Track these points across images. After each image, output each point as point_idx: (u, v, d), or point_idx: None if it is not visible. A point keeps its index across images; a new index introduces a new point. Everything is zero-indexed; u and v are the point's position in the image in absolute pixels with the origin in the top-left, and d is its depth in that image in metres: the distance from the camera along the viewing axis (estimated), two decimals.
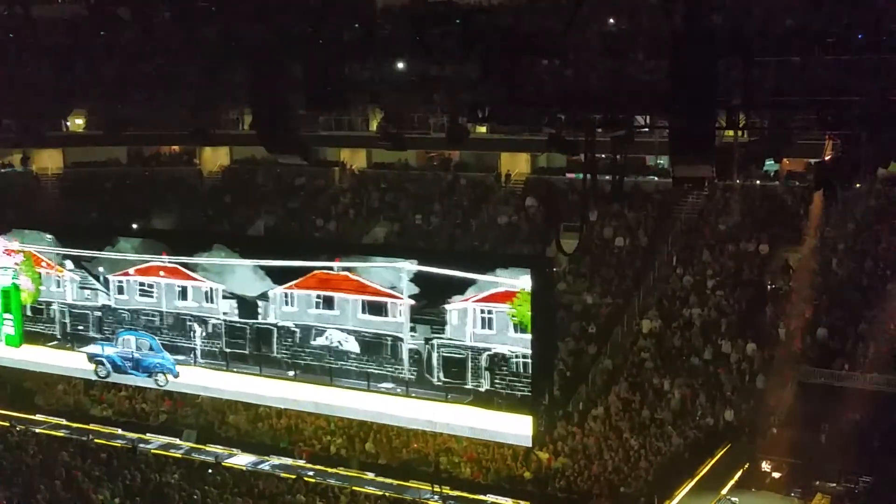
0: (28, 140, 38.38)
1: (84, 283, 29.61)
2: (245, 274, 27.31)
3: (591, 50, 20.27)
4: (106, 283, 29.18)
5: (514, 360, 24.16)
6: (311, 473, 27.30)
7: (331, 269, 25.98)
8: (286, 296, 26.81)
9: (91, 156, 45.83)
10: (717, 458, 26.14)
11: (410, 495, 25.97)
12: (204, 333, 28.08)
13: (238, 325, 27.43)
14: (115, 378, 29.72)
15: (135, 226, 37.56)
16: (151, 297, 28.89)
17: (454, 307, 24.60)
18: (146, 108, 28.97)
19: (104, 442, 29.31)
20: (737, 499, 23.72)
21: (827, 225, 32.31)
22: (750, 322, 30.73)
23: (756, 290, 31.89)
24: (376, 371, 25.76)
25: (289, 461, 28.39)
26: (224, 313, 27.62)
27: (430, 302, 24.84)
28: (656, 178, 37.84)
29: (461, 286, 24.42)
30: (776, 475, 25.29)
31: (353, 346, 26.10)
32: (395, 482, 26.93)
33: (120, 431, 30.59)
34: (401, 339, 25.52)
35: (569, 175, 37.99)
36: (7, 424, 30.58)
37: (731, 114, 18.72)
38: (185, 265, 27.98)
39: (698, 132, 16.23)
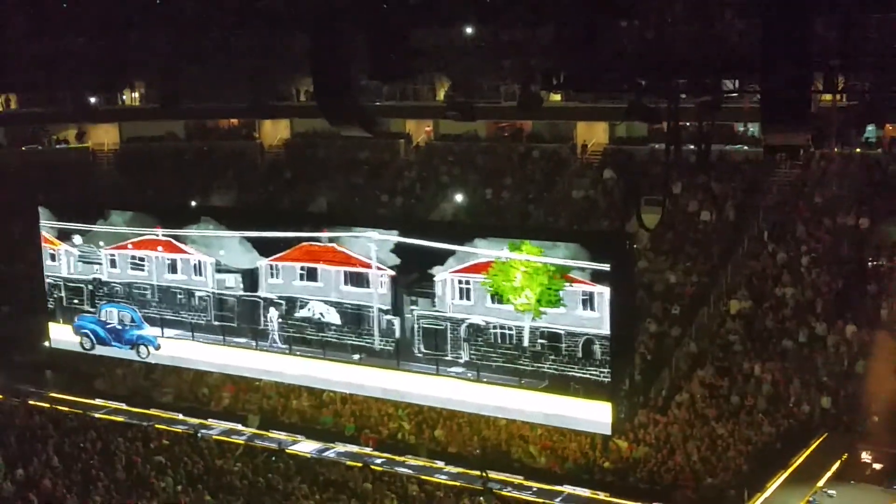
0: (82, 115, 39.37)
1: (85, 258, 31.86)
2: (233, 247, 29.11)
3: (674, 9, 19.97)
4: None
5: (492, 330, 25.79)
6: (378, 461, 27.56)
7: (319, 240, 27.71)
8: (272, 268, 28.54)
9: (148, 131, 46.74)
10: (812, 449, 25.73)
11: (480, 484, 26.01)
12: (197, 306, 30.23)
13: (226, 297, 29.44)
14: (100, 350, 32.27)
15: (193, 203, 38.24)
16: (143, 270, 30.97)
17: (438, 279, 26.08)
18: (203, 80, 29.43)
19: (165, 428, 29.95)
20: (834, 492, 23.31)
21: None
22: (849, 302, 30.10)
23: (856, 268, 31.21)
24: (354, 343, 27.78)
25: (355, 448, 28.70)
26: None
27: (413, 273, 26.56)
28: (746, 148, 37.25)
29: (442, 257, 26.02)
30: (877, 467, 24.82)
31: (334, 317, 27.76)
32: (466, 472, 27.00)
33: (181, 417, 31.24)
34: (382, 311, 27.17)
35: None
36: (65, 410, 31.44)
37: (828, 76, 18.31)
38: (176, 238, 30.07)
39: (792, 96, 15.87)
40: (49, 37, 26.01)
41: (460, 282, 25.99)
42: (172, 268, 30.33)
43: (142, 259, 30.79)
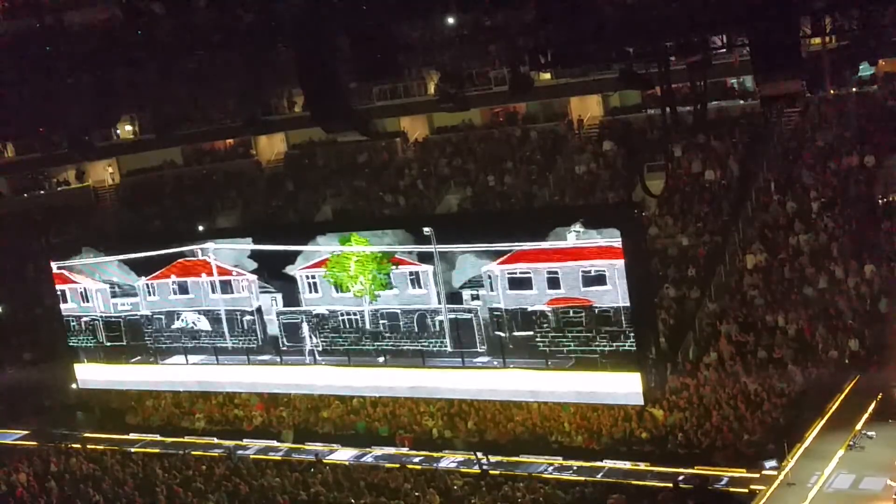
0: (79, 153, 39.39)
1: None
2: (113, 271, 30.93)
3: None
4: None
5: (338, 318, 27.90)
6: (416, 460, 27.55)
7: (193, 254, 29.67)
8: (148, 287, 30.47)
9: (146, 162, 46.80)
10: (846, 393, 25.62)
11: (522, 470, 26.00)
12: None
13: (112, 319, 31.46)
14: None
15: (200, 228, 38.23)
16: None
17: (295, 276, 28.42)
18: (194, 104, 29.44)
19: (202, 453, 29.99)
20: (874, 433, 23.21)
21: None
22: (864, 242, 29.96)
23: (867, 207, 31.06)
24: (220, 345, 30.02)
25: (391, 450, 28.70)
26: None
27: (270, 274, 28.71)
28: (742, 101, 37.05)
29: (292, 257, 28.18)
30: None
31: (204, 324, 30.03)
32: (504, 458, 26.97)
33: (216, 440, 31.27)
34: (248, 313, 29.37)
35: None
36: (101, 448, 31.51)
37: (815, 19, 18.17)
38: (67, 269, 31.92)
39: (782, 44, 15.78)
40: (37, 80, 26.02)
41: (308, 277, 28.06)
42: (63, 298, 32.17)
43: None
